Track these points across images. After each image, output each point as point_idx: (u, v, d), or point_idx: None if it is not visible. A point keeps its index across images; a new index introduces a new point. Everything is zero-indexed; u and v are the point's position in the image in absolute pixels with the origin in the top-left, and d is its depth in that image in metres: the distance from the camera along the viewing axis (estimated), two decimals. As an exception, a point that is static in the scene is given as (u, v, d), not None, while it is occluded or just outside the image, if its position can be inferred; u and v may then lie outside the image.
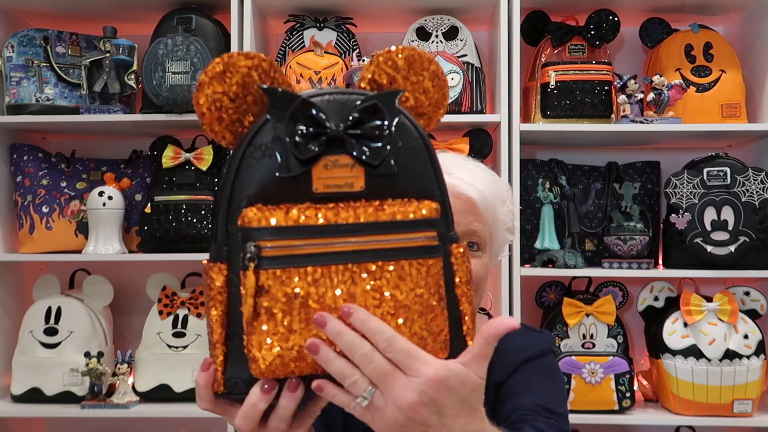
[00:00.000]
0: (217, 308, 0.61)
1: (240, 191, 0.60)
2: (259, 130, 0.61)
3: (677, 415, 1.87)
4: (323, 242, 0.59)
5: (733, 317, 1.84)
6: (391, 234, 0.60)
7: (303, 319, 0.58)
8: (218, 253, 0.63)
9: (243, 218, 0.59)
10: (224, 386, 0.62)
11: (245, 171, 0.60)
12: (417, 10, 2.04)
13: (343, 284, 0.59)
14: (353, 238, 0.59)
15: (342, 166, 0.60)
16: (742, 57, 2.05)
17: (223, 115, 0.63)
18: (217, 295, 0.62)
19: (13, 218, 2.06)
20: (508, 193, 1.04)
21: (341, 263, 0.59)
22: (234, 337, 0.61)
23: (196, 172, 1.97)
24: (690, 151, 2.10)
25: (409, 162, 0.63)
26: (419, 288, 0.61)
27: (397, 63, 0.66)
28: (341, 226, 0.59)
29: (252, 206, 0.59)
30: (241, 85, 0.62)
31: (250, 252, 0.58)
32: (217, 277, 0.62)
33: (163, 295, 1.98)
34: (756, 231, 1.83)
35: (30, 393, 1.92)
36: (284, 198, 0.60)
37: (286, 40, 2.04)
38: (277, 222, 0.58)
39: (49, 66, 2.02)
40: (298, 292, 0.58)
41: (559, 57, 1.99)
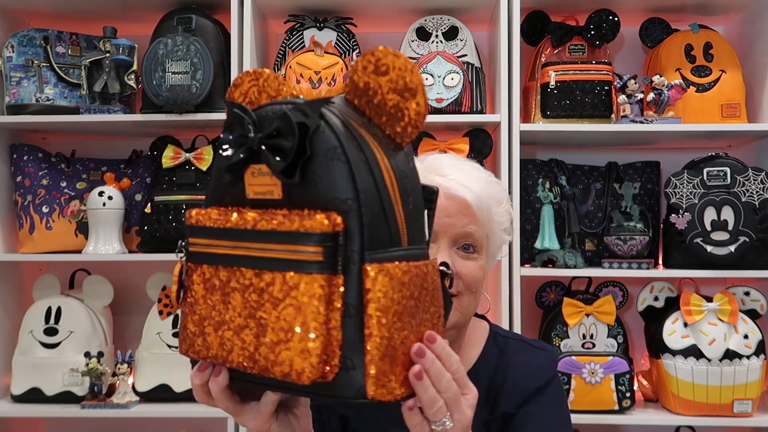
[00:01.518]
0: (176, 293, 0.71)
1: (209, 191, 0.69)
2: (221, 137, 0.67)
3: (677, 415, 1.87)
4: (232, 245, 0.63)
5: (733, 317, 1.84)
6: (288, 245, 0.60)
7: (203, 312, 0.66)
8: None
9: (187, 217, 0.67)
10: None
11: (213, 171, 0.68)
12: (417, 10, 2.04)
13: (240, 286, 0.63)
14: (257, 245, 0.61)
15: (265, 174, 0.63)
16: (742, 57, 2.05)
17: None
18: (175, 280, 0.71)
19: (13, 218, 2.06)
20: (504, 194, 1.04)
21: (246, 267, 0.62)
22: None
23: (196, 172, 1.97)
24: (690, 151, 2.10)
25: (321, 172, 0.60)
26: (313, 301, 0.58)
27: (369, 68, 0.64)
28: (249, 231, 0.62)
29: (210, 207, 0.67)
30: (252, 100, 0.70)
31: (180, 246, 0.68)
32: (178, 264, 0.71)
33: (163, 295, 1.98)
34: (756, 231, 1.83)
35: (30, 393, 1.92)
36: (230, 201, 0.66)
37: (286, 40, 2.04)
38: (194, 222, 0.66)
39: (49, 66, 2.02)
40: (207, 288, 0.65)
41: (559, 57, 2.00)
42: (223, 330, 0.63)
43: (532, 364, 1.06)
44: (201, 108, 1.89)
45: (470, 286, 0.98)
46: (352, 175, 0.60)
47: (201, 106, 1.89)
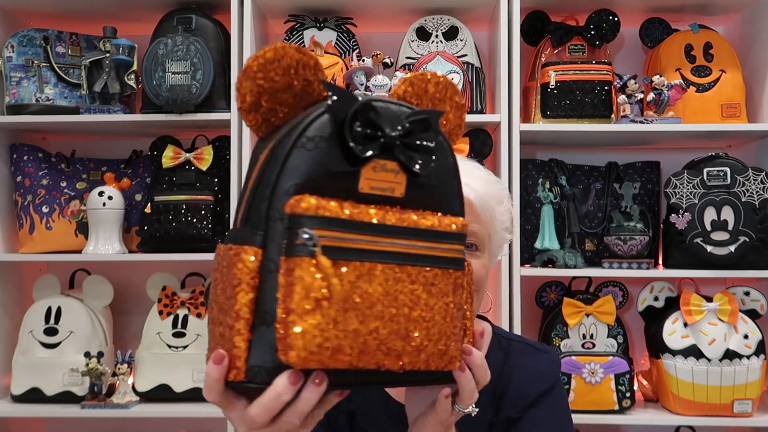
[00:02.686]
0: (247, 294, 0.60)
1: (288, 178, 0.60)
2: (313, 122, 0.61)
3: (677, 415, 1.87)
4: (372, 239, 0.61)
5: (733, 317, 1.84)
6: (429, 242, 0.64)
7: (344, 311, 0.59)
8: (245, 238, 0.61)
9: (295, 206, 0.59)
10: (245, 375, 0.60)
11: (296, 159, 0.60)
12: (417, 10, 2.04)
13: (386, 282, 0.61)
14: (399, 240, 0.62)
15: (388, 171, 0.63)
16: (742, 57, 2.05)
17: (262, 102, 0.63)
18: (246, 278, 0.60)
19: (13, 218, 2.06)
20: (504, 193, 1.04)
21: (385, 262, 0.61)
22: (261, 324, 0.59)
23: (196, 172, 1.97)
24: (690, 151, 2.10)
25: (441, 178, 0.67)
26: (446, 297, 0.65)
27: (427, 88, 0.72)
28: (389, 227, 0.62)
29: (299, 194, 0.60)
30: (285, 76, 0.63)
31: (305, 240, 0.57)
32: (247, 260, 0.60)
33: (163, 295, 1.98)
34: (756, 231, 1.83)
35: (30, 393, 1.92)
36: (330, 192, 0.61)
37: (286, 40, 2.04)
38: (331, 214, 0.59)
39: (49, 66, 2.02)
40: (346, 286, 0.59)
41: (559, 57, 2.00)
42: (368, 328, 0.60)
43: (536, 368, 1.06)
44: (201, 108, 1.89)
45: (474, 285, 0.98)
46: (459, 184, 0.70)
47: (201, 106, 1.89)
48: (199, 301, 1.97)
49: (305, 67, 0.64)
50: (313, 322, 0.57)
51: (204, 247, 1.94)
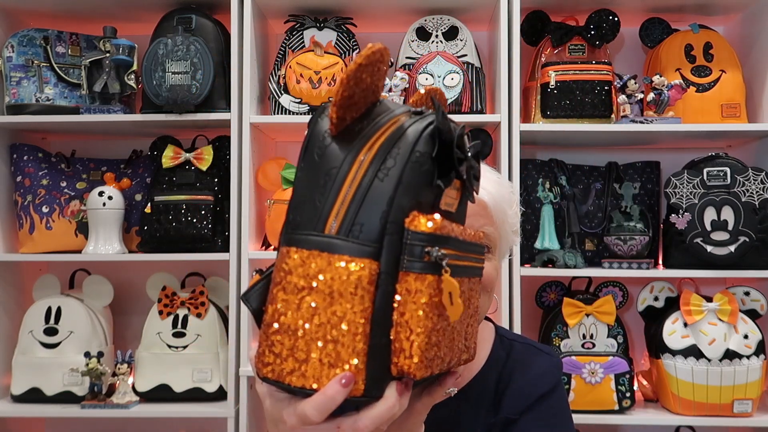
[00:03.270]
0: (364, 308, 0.58)
1: (405, 193, 0.60)
2: (419, 137, 0.62)
3: (677, 415, 1.87)
4: (465, 255, 0.65)
5: (733, 317, 1.84)
6: (478, 255, 0.70)
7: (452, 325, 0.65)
8: (358, 249, 0.58)
9: (417, 222, 0.60)
10: (365, 387, 0.58)
11: (411, 172, 0.61)
12: (417, 10, 2.04)
13: (473, 294, 0.69)
14: (471, 255, 0.67)
15: (455, 189, 0.67)
16: (742, 57, 2.05)
17: (354, 100, 0.63)
18: (362, 293, 0.58)
19: (13, 218, 2.06)
20: (513, 195, 1.05)
21: (470, 276, 0.68)
22: (378, 336, 0.59)
23: (196, 172, 1.97)
24: (690, 151, 2.10)
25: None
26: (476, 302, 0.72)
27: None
28: (469, 244, 0.66)
29: (414, 210, 0.61)
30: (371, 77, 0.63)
31: (436, 257, 0.59)
32: (362, 274, 0.58)
33: (163, 295, 1.98)
34: (756, 231, 1.83)
35: (30, 393, 1.92)
36: (425, 207, 0.62)
37: (286, 40, 2.04)
38: (452, 233, 0.63)
39: (49, 66, 2.02)
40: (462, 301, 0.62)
41: (559, 57, 1.99)
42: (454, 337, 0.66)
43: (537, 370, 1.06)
44: (201, 108, 1.89)
45: (486, 286, 0.98)
46: None
47: (201, 106, 1.89)
48: (199, 301, 1.97)
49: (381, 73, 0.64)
50: (430, 337, 0.60)
51: (204, 247, 1.94)
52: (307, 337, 0.58)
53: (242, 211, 1.91)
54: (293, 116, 1.93)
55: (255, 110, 1.97)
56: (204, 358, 1.94)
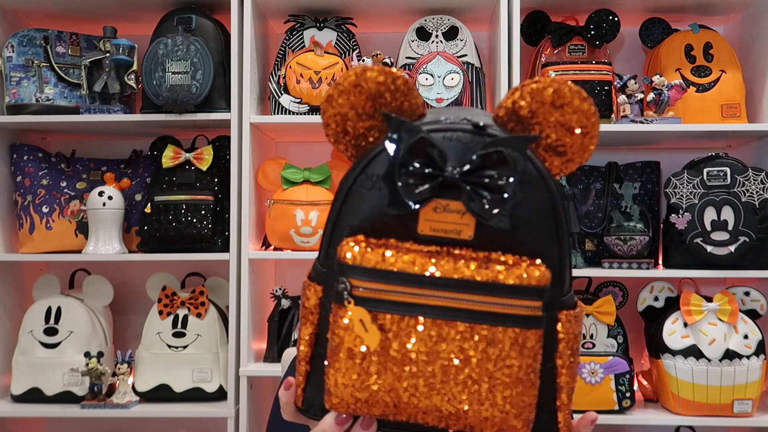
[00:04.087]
0: (307, 327, 0.61)
1: (345, 218, 0.58)
2: (373, 159, 0.58)
3: (677, 415, 1.87)
4: (414, 292, 0.55)
5: (733, 317, 1.84)
6: (489, 296, 0.55)
7: (380, 363, 0.56)
8: (317, 274, 0.61)
9: (341, 251, 0.57)
10: (302, 404, 0.62)
11: (353, 199, 0.58)
12: (417, 10, 2.04)
13: (428, 339, 0.56)
14: (446, 294, 0.55)
15: (452, 212, 0.56)
16: (742, 57, 2.05)
17: (348, 128, 0.60)
18: (309, 314, 0.61)
19: (13, 218, 2.07)
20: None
21: (429, 317, 0.55)
22: (317, 359, 0.60)
23: (196, 172, 1.97)
24: (690, 151, 2.10)
25: (527, 217, 0.57)
26: (510, 359, 0.56)
27: (543, 96, 0.59)
28: (435, 279, 0.55)
29: (354, 236, 0.57)
30: (371, 100, 0.59)
31: (341, 288, 0.56)
32: (311, 296, 0.61)
33: (163, 295, 1.98)
34: (756, 231, 1.83)
35: (30, 393, 1.92)
36: (388, 233, 0.57)
37: (286, 40, 2.04)
38: (371, 264, 0.55)
39: (49, 66, 2.02)
40: (381, 339, 0.56)
41: (559, 57, 2.00)
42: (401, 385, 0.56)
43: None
44: (201, 108, 1.90)
45: None
46: (558, 222, 0.59)
47: (201, 106, 1.89)
48: (199, 301, 1.97)
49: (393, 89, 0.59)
50: (347, 371, 0.56)
51: (204, 247, 1.94)
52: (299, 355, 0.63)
53: (242, 211, 1.92)
54: (293, 116, 1.93)
55: (255, 110, 1.97)
56: (204, 358, 1.94)
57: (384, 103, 0.59)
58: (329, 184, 1.98)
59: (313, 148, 2.20)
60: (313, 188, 1.96)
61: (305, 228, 1.91)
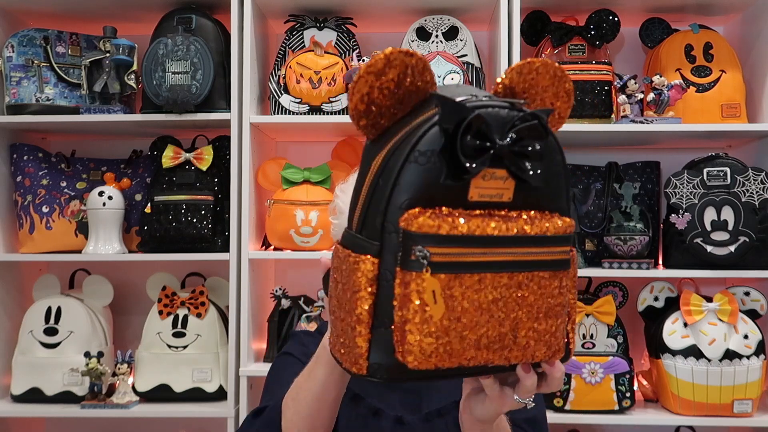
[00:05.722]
0: (366, 300, 0.64)
1: (401, 193, 0.63)
2: (422, 136, 0.63)
3: (677, 415, 1.87)
4: (483, 251, 0.63)
5: (733, 317, 1.84)
6: (537, 247, 0.66)
7: (456, 319, 0.63)
8: (364, 246, 0.65)
9: (409, 222, 0.62)
10: (367, 370, 0.66)
11: (408, 173, 0.63)
12: (417, 10, 2.04)
13: (496, 290, 0.64)
14: (508, 249, 0.64)
15: (497, 179, 0.64)
16: (742, 57, 2.05)
17: (372, 108, 0.65)
18: (365, 286, 0.64)
19: (13, 218, 2.06)
20: None
21: (495, 272, 0.64)
22: (380, 327, 0.64)
23: (196, 172, 1.97)
24: (690, 151, 2.10)
25: (550, 178, 0.68)
26: (554, 296, 0.67)
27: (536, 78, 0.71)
28: (499, 238, 0.64)
29: (412, 208, 0.62)
30: (395, 81, 0.65)
31: (419, 256, 0.61)
32: (364, 268, 0.64)
33: (163, 295, 1.98)
34: (756, 231, 1.83)
35: (30, 393, 1.92)
36: (441, 201, 0.63)
37: (286, 40, 2.04)
38: (445, 231, 0.61)
39: (49, 66, 2.02)
40: (458, 296, 0.62)
41: (559, 57, 1.99)
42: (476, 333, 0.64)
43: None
44: (201, 108, 1.89)
45: None
46: (567, 180, 0.70)
47: (201, 106, 1.89)
48: (199, 301, 1.97)
49: (414, 72, 0.65)
50: (426, 330, 0.62)
51: (204, 247, 1.94)
52: (338, 320, 0.68)
53: (242, 211, 1.91)
54: (293, 116, 1.93)
55: (255, 110, 1.97)
56: (204, 358, 1.94)
57: (407, 81, 0.65)
58: (329, 184, 1.98)
59: (313, 148, 2.20)
60: (313, 188, 1.96)
61: (305, 228, 1.91)
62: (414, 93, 0.66)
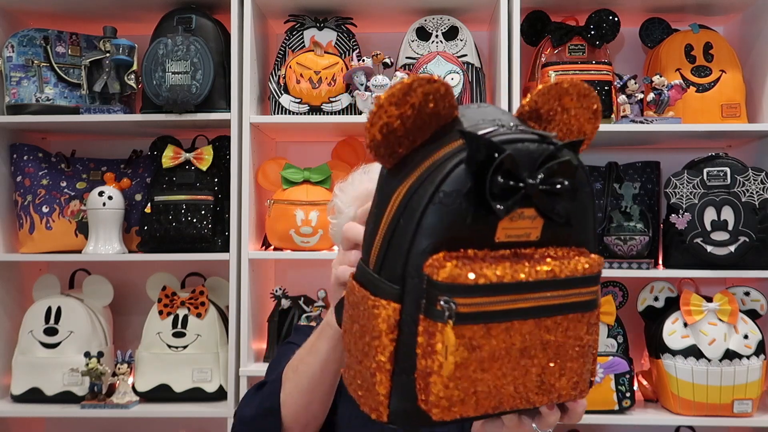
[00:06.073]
0: (386, 347, 0.61)
1: (424, 237, 0.59)
2: (447, 176, 0.58)
3: (677, 415, 1.87)
4: (511, 299, 0.59)
5: (733, 317, 1.84)
6: (565, 290, 0.62)
7: (483, 369, 0.60)
8: (383, 289, 0.61)
9: (434, 270, 0.58)
10: (388, 417, 0.63)
11: (433, 215, 0.58)
12: (417, 10, 2.04)
13: (523, 337, 0.61)
14: (536, 294, 0.61)
15: (526, 218, 0.61)
16: (742, 57, 2.05)
17: (390, 137, 0.61)
18: (386, 332, 0.60)
19: (13, 218, 2.06)
20: None
21: (524, 318, 0.60)
22: (401, 374, 0.61)
23: (196, 172, 1.97)
24: (690, 151, 2.10)
25: (578, 213, 0.65)
26: (582, 338, 0.65)
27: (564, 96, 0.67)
28: (528, 283, 0.60)
29: (436, 252, 0.58)
30: (417, 108, 0.60)
31: (445, 307, 0.57)
32: (384, 314, 0.60)
33: (163, 295, 1.98)
34: (756, 231, 1.83)
35: (30, 393, 1.92)
36: (466, 243, 0.59)
37: (286, 40, 2.04)
38: (472, 281, 0.57)
39: (49, 66, 2.02)
40: (485, 346, 0.59)
41: (559, 57, 1.99)
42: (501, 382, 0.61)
43: None
44: (201, 108, 1.90)
45: None
46: (594, 213, 0.67)
47: (201, 106, 1.89)
48: (199, 301, 1.97)
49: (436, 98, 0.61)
50: (451, 382, 0.59)
51: (204, 247, 1.94)
52: (354, 360, 0.65)
53: (242, 211, 1.92)
54: (293, 116, 1.93)
55: (255, 110, 1.97)
56: (204, 358, 1.94)
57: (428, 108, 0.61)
58: (329, 184, 1.98)
59: (313, 148, 2.20)
60: (313, 188, 1.96)
61: (305, 228, 1.91)
62: (435, 118, 0.62)
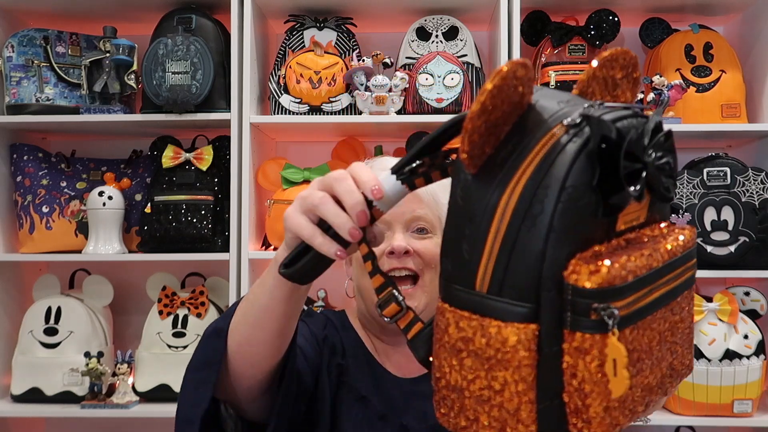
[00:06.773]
0: (527, 374, 0.53)
1: (560, 241, 0.52)
2: (570, 169, 0.52)
3: (677, 415, 1.87)
4: (650, 289, 0.55)
5: (733, 317, 1.84)
6: (682, 267, 0.59)
7: (637, 371, 0.56)
8: (508, 310, 0.53)
9: (580, 276, 0.51)
10: None
11: (563, 216, 0.52)
12: (417, 10, 2.04)
13: (661, 326, 0.57)
14: (666, 278, 0.57)
15: (635, 201, 0.55)
16: (742, 57, 2.05)
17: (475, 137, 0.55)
18: (524, 358, 0.53)
19: (13, 218, 2.06)
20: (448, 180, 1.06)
21: (661, 306, 0.57)
22: (545, 400, 0.54)
23: (196, 172, 1.97)
24: (690, 151, 2.10)
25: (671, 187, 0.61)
26: (691, 315, 0.63)
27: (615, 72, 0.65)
28: (659, 269, 0.55)
29: (573, 257, 0.52)
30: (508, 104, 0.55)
31: (603, 315, 0.50)
32: (524, 338, 0.52)
33: (163, 295, 1.98)
34: (756, 231, 1.83)
35: (30, 393, 1.92)
36: (593, 241, 0.54)
37: (286, 40, 2.04)
38: (620, 281, 0.52)
39: (49, 66, 2.02)
40: (636, 346, 0.55)
41: (559, 57, 2.00)
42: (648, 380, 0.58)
43: None
44: (201, 108, 1.89)
45: (429, 262, 1.06)
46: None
47: (201, 106, 1.89)
48: (199, 301, 1.97)
49: (523, 83, 0.55)
50: (612, 398, 0.53)
51: (204, 247, 1.94)
52: (473, 398, 0.55)
53: (242, 211, 1.91)
54: (293, 116, 1.93)
55: (255, 110, 1.97)
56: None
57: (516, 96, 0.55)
58: (329, 184, 1.97)
59: (313, 148, 2.20)
60: (313, 188, 1.95)
61: (305, 228, 1.90)
62: (519, 107, 0.56)
